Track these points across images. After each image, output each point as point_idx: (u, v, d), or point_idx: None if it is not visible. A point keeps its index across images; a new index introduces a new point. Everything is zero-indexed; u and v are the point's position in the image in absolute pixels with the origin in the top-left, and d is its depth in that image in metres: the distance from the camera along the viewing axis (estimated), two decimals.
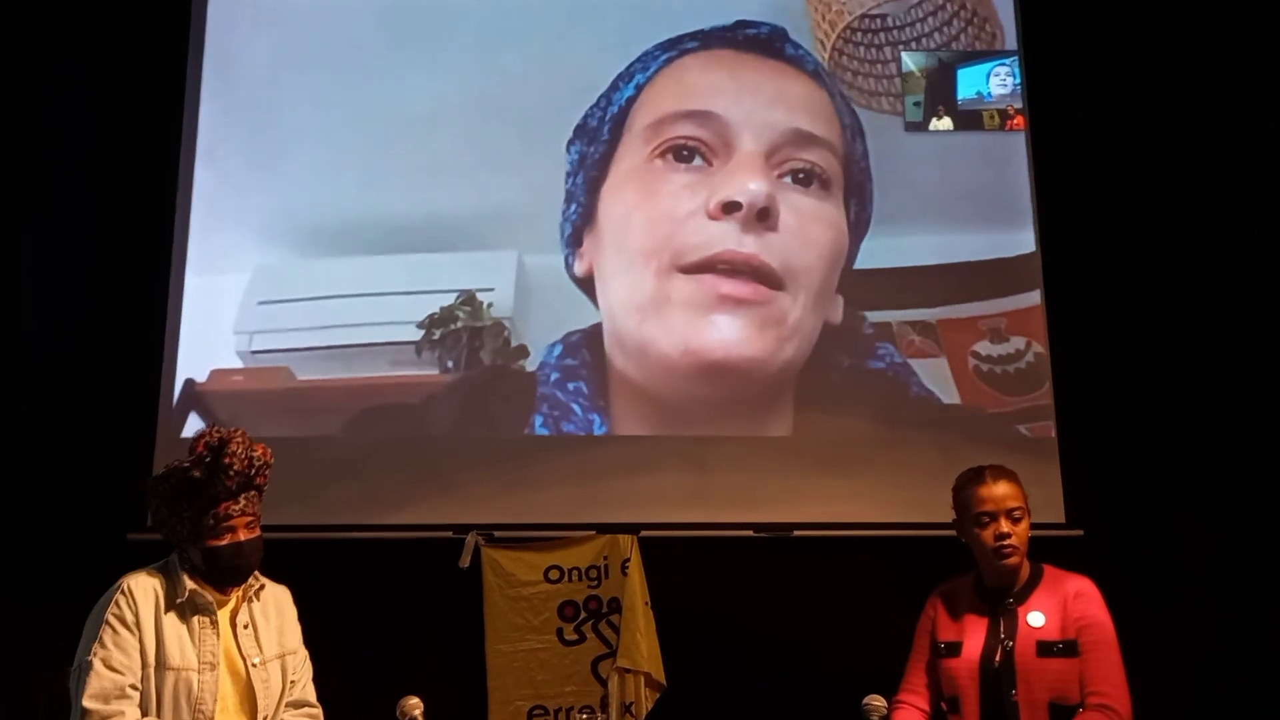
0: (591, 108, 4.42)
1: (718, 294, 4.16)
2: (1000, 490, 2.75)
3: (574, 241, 4.35)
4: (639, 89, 4.38)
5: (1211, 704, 3.92)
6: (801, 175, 4.28)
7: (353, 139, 4.49)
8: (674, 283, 4.18)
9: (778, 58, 4.49)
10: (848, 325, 4.34)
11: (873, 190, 4.43)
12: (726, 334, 4.16)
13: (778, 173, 4.26)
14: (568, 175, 4.39)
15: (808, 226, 4.24)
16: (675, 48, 4.47)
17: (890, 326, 4.36)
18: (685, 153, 4.27)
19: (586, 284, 4.32)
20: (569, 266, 4.34)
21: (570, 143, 4.41)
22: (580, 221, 4.35)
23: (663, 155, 4.27)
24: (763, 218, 4.18)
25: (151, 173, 4.47)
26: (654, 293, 4.19)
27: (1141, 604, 3.61)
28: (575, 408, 4.24)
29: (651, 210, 4.25)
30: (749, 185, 4.20)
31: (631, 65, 4.44)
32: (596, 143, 4.37)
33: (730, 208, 4.18)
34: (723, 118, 4.31)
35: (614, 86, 4.42)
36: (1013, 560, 2.71)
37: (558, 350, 4.29)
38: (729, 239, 4.17)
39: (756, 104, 4.36)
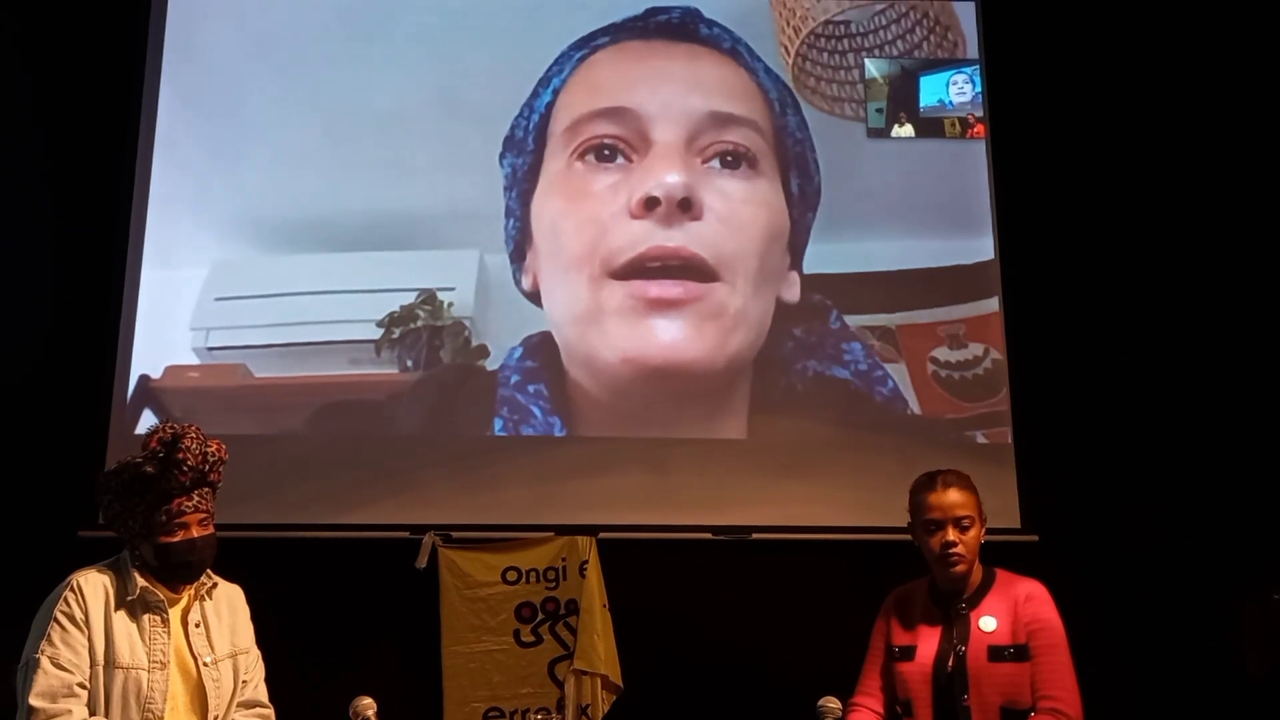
0: (516, 118, 4.40)
1: (647, 298, 4.14)
2: (950, 498, 2.75)
3: (517, 256, 4.33)
4: (555, 93, 4.37)
5: (1164, 708, 3.96)
6: (729, 158, 4.27)
7: (314, 134, 4.46)
8: (606, 290, 4.17)
9: (691, 40, 4.47)
10: (817, 328, 4.34)
11: (816, 160, 4.43)
12: (664, 338, 4.15)
13: (701, 159, 4.25)
14: (505, 190, 4.37)
15: (737, 210, 4.23)
16: (587, 45, 4.45)
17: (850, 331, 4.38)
18: (606, 152, 4.25)
19: (535, 297, 4.31)
20: (517, 282, 4.32)
21: (501, 156, 4.39)
22: (519, 236, 4.33)
23: (583, 157, 4.25)
24: (685, 208, 4.16)
25: (109, 164, 4.43)
26: (589, 302, 4.18)
27: (1095, 609, 3.66)
28: (535, 411, 4.22)
29: (578, 216, 4.23)
30: (665, 178, 4.19)
31: (549, 69, 4.42)
32: (524, 154, 4.35)
33: (650, 204, 4.16)
34: (636, 111, 4.29)
35: (534, 93, 4.40)
36: (959, 568, 2.72)
37: (518, 352, 4.28)
38: (655, 235, 4.16)
39: (671, 92, 4.35)
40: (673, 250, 4.15)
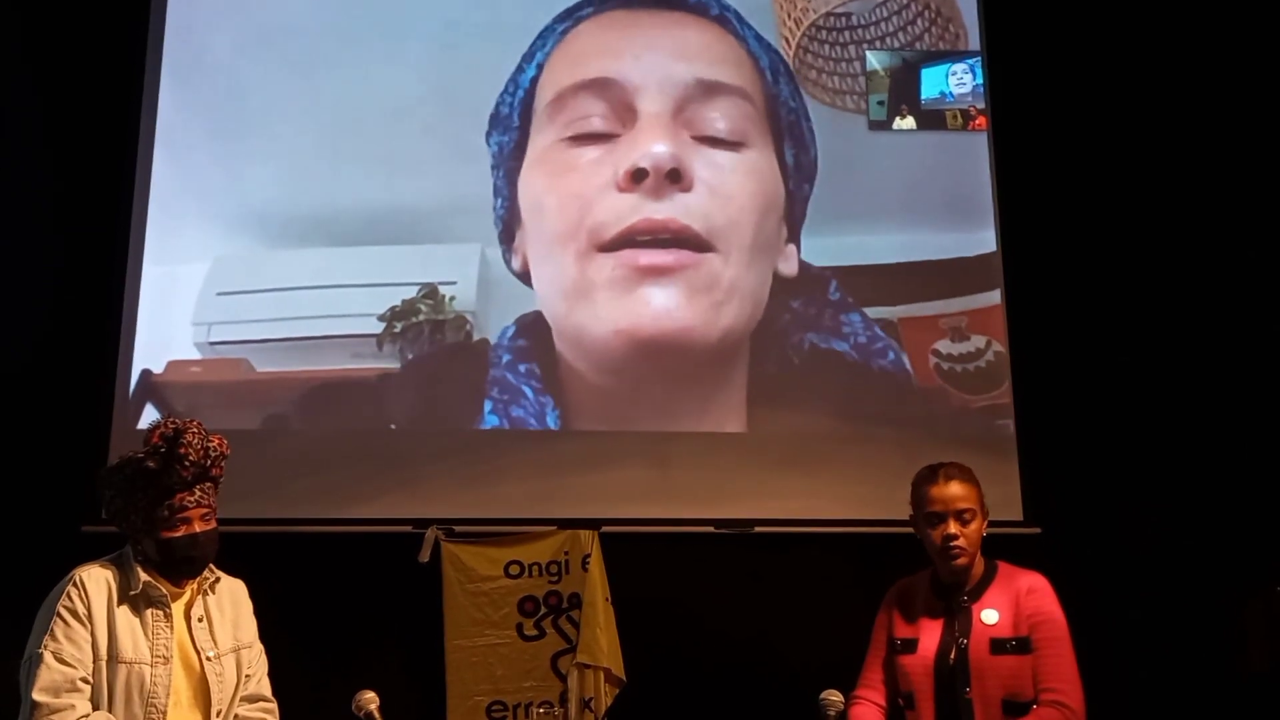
0: (501, 94, 4.35)
1: (637, 266, 4.10)
2: (952, 491, 2.75)
3: (506, 237, 4.31)
4: (540, 68, 4.32)
5: (1165, 703, 3.96)
6: (718, 127, 4.22)
7: (316, 128, 4.45)
8: (594, 264, 4.13)
9: (679, 8, 4.43)
10: (817, 299, 4.31)
11: (813, 130, 4.39)
12: (656, 306, 4.11)
13: (688, 129, 4.21)
14: (492, 169, 4.34)
15: (726, 180, 4.18)
16: (571, 17, 4.41)
17: None
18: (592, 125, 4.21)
19: (525, 278, 4.29)
20: (507, 263, 4.30)
21: (488, 134, 4.35)
22: (508, 215, 4.31)
23: (569, 135, 4.20)
24: (674, 179, 4.11)
25: (110, 159, 4.42)
26: (576, 277, 4.15)
27: (1097, 601, 3.65)
28: (527, 390, 4.20)
29: (563, 192, 4.19)
30: (652, 149, 4.14)
31: (533, 43, 4.37)
32: (509, 131, 4.31)
33: (638, 176, 4.11)
34: (620, 82, 4.24)
35: (519, 69, 4.35)
36: (960, 561, 2.72)
37: (510, 331, 4.26)
38: (644, 208, 4.12)
39: (655, 61, 4.29)
40: (662, 223, 4.11)
